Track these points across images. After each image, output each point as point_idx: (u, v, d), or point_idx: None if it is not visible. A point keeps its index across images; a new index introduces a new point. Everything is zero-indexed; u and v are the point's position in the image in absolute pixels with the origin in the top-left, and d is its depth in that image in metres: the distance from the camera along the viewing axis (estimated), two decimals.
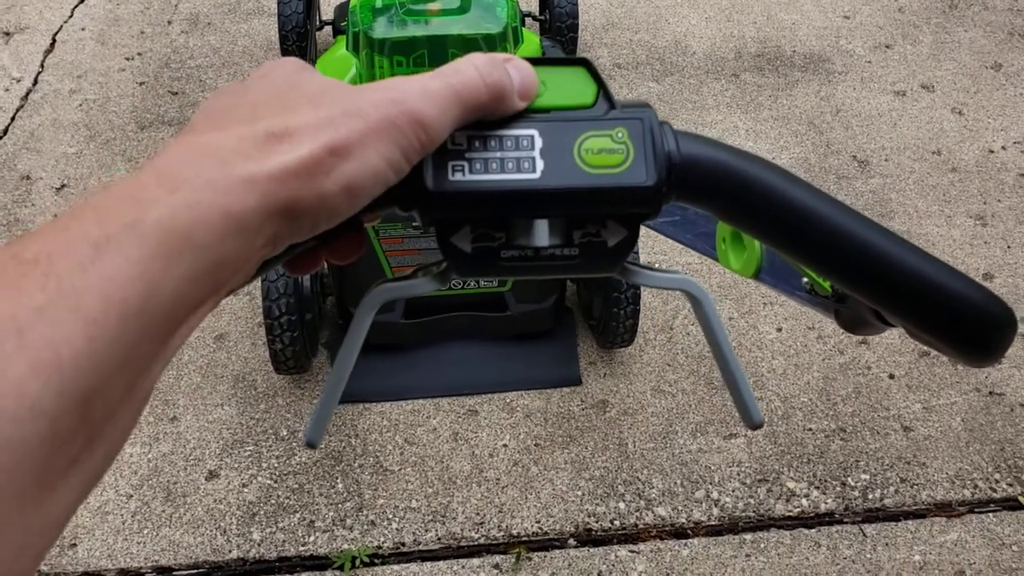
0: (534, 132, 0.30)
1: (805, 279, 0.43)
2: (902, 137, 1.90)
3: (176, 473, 1.30)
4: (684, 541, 1.23)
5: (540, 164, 0.29)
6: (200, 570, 1.19)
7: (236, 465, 1.30)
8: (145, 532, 1.22)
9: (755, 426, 0.35)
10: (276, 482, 1.29)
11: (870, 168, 1.83)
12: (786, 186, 0.32)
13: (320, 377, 1.43)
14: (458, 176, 0.29)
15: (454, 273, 0.32)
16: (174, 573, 1.19)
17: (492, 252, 0.31)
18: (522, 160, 0.29)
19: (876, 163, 1.84)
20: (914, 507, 1.28)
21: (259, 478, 1.29)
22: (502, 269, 0.31)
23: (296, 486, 1.28)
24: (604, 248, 0.31)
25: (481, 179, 0.29)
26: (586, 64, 0.31)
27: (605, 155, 0.29)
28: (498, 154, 0.29)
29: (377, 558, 1.20)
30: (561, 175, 0.29)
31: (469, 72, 0.27)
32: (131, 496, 1.27)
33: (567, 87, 0.31)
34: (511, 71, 0.28)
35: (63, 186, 1.74)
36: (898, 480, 1.31)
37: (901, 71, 2.08)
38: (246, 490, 1.27)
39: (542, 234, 0.31)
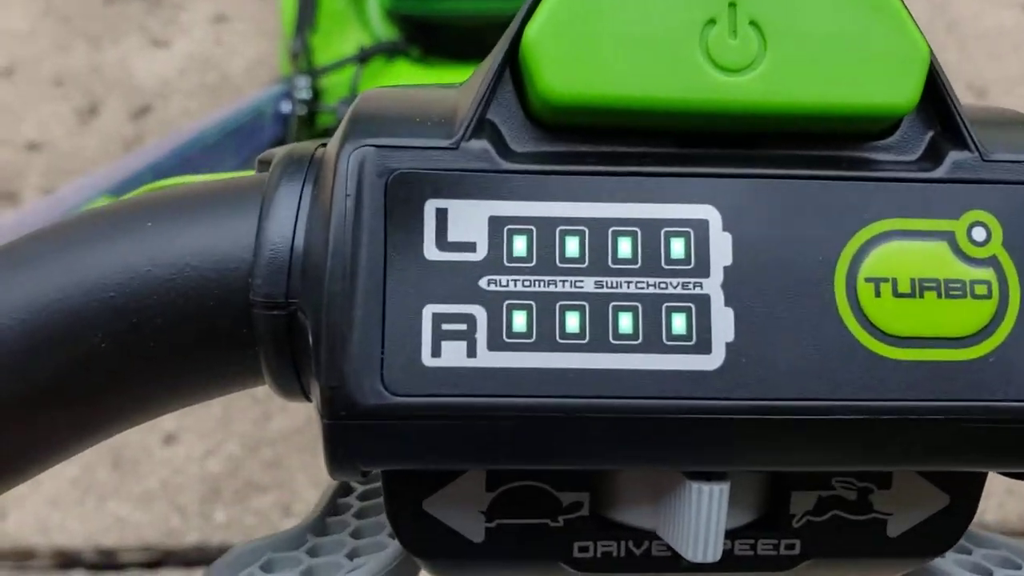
0: (711, 212, 0.11)
1: None
2: None
3: (127, 435, 1.10)
4: None
5: (726, 324, 0.10)
6: (150, 553, 1.02)
7: (199, 428, 1.12)
8: (87, 504, 1.05)
9: None
10: (247, 452, 1.10)
11: (988, 100, 1.53)
12: None
13: None
14: (452, 359, 0.11)
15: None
16: (119, 555, 1.02)
17: (552, 542, 0.12)
18: (675, 313, 0.10)
19: (995, 94, 1.54)
20: None
21: (227, 446, 1.11)
22: None
23: (271, 459, 1.10)
24: (879, 537, 0.13)
25: (540, 368, 0.11)
26: None
27: (934, 303, 0.11)
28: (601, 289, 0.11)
29: None
30: (804, 364, 0.10)
31: None
32: (71, 460, 1.08)
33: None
34: None
35: (10, 72, 1.50)
36: None
37: None
38: (210, 460, 1.09)
39: (713, 507, 0.12)
